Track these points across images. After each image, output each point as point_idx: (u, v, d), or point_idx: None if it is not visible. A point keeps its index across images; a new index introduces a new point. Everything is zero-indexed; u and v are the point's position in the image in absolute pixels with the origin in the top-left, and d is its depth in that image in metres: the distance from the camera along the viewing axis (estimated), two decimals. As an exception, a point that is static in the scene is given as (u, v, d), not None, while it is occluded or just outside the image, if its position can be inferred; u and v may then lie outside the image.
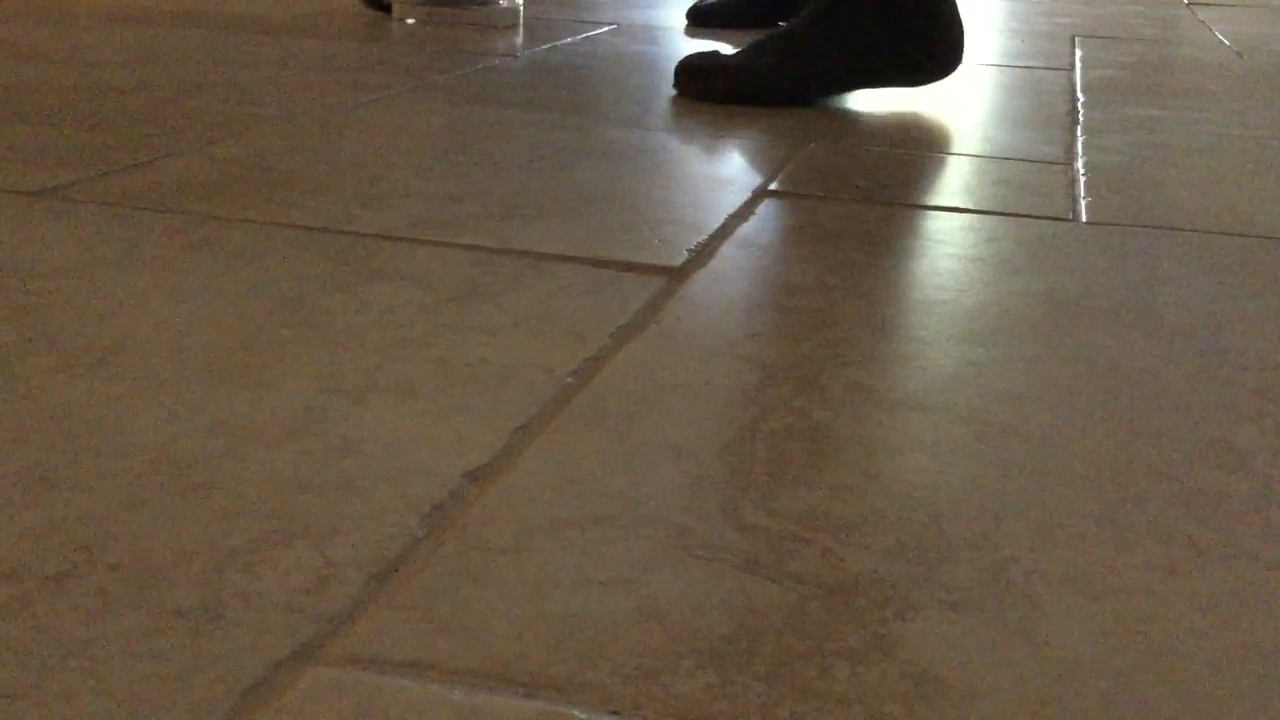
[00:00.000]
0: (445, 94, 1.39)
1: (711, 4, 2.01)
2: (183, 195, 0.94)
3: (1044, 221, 0.97)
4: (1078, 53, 1.92)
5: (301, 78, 1.45)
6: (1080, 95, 1.54)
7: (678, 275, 0.81)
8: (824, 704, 0.40)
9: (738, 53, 1.39)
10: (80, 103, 1.26)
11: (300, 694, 0.39)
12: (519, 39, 1.83)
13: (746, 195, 1.01)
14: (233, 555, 0.47)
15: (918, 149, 1.20)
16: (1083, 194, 1.06)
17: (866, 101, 1.44)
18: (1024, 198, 1.04)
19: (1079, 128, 1.34)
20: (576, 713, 0.39)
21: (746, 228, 0.92)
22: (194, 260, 0.80)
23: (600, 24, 2.04)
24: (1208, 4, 2.80)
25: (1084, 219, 0.98)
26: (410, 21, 1.67)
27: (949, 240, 0.91)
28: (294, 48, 1.67)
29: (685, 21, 2.06)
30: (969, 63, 1.77)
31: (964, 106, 1.44)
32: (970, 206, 1.01)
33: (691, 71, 1.39)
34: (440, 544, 0.49)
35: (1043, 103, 1.48)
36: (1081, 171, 1.14)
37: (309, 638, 0.42)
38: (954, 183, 1.08)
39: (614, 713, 0.40)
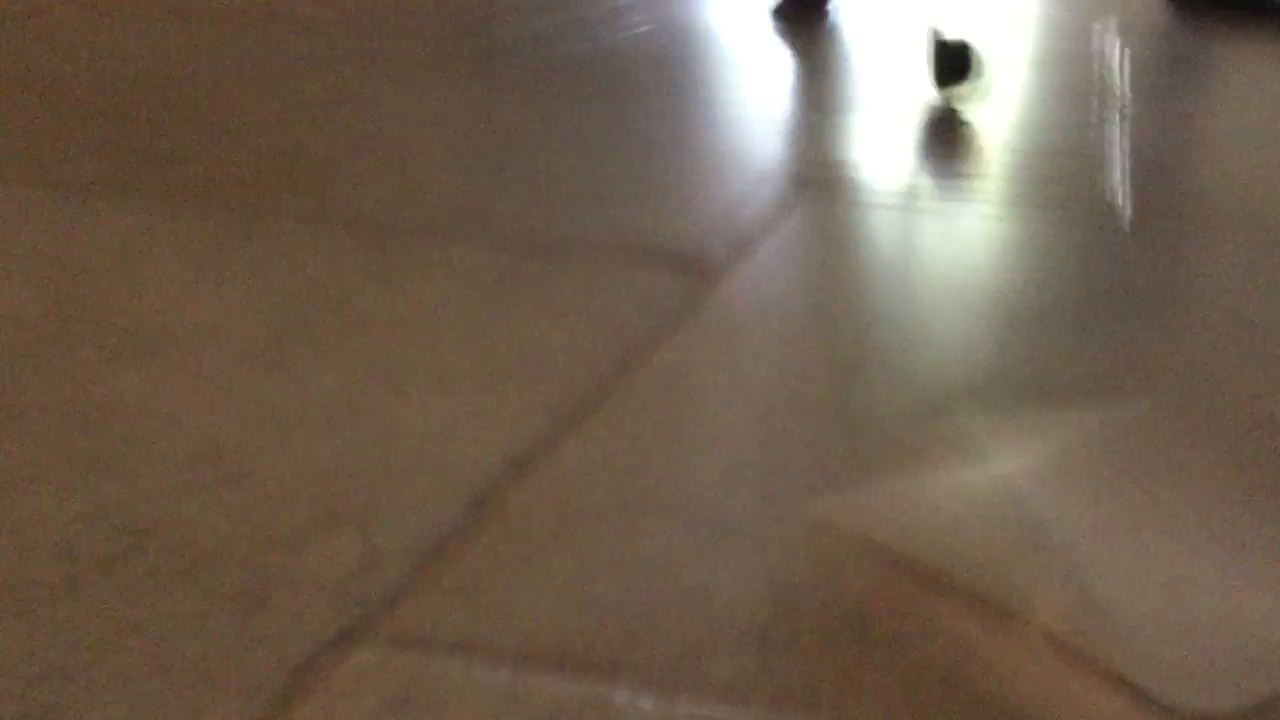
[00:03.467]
0: (483, 89, 1.40)
1: None
2: (223, 189, 0.96)
3: (1084, 216, 0.97)
4: (1122, 47, 1.91)
5: (341, 73, 1.46)
6: (1122, 90, 1.54)
7: (716, 268, 0.81)
8: (863, 687, 0.41)
9: None
10: (122, 98, 1.27)
11: (348, 673, 0.40)
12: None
13: (785, 190, 1.01)
14: (279, 539, 0.48)
15: (957, 142, 1.20)
16: (1124, 188, 1.06)
17: (907, 94, 1.43)
18: (1064, 192, 1.04)
19: (1121, 122, 1.34)
20: (619, 693, 0.40)
21: (784, 222, 0.92)
22: (236, 252, 0.81)
23: (636, 16, 2.04)
24: None
25: (1125, 213, 0.98)
26: None
27: (989, 234, 0.91)
28: (333, 44, 1.68)
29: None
30: (1009, 56, 1.76)
31: (1005, 100, 1.43)
32: (1010, 200, 1.00)
33: None
34: (482, 530, 0.49)
35: (1084, 96, 1.47)
36: (1125, 166, 1.13)
37: (355, 619, 0.43)
38: (994, 176, 1.08)
39: (655, 694, 0.40)
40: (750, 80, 1.53)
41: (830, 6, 1.98)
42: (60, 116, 1.20)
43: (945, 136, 1.24)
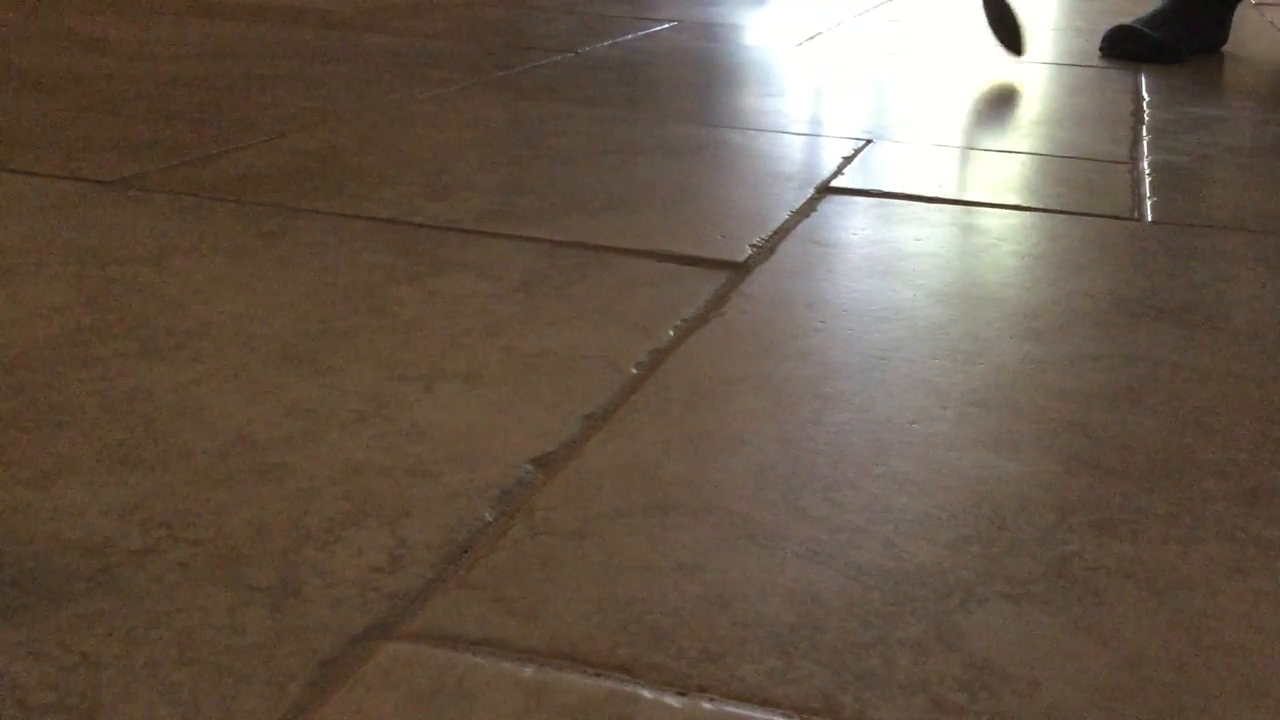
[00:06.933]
0: (509, 89, 1.41)
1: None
2: (254, 186, 0.96)
3: (1108, 220, 0.97)
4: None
5: (368, 72, 1.47)
6: (1145, 95, 1.53)
7: (741, 270, 0.82)
8: (887, 690, 0.41)
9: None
10: (153, 95, 1.29)
11: (376, 667, 0.41)
12: (581, 35, 1.84)
13: (809, 192, 1.01)
14: (309, 534, 0.48)
15: (980, 147, 1.20)
16: (1148, 193, 1.05)
17: (927, 98, 1.43)
18: (1088, 197, 1.03)
19: (1144, 127, 1.33)
20: (643, 693, 0.40)
21: (808, 224, 0.93)
22: (266, 249, 0.82)
23: (661, 20, 2.05)
24: (1276, 3, 2.76)
25: (1149, 218, 0.98)
26: None
27: (1012, 238, 0.91)
28: (360, 43, 1.69)
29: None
30: (1033, 61, 1.76)
31: (1027, 105, 1.43)
32: (1034, 205, 1.00)
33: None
34: (509, 528, 0.50)
35: (1107, 102, 1.47)
36: (1146, 171, 1.13)
37: (383, 614, 0.43)
38: (1017, 181, 1.08)
39: (680, 693, 0.40)
40: (775, 80, 1.53)
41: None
42: (92, 113, 1.21)
43: (970, 140, 1.24)
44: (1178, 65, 1.77)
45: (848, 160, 1.13)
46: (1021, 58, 1.78)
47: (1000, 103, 1.44)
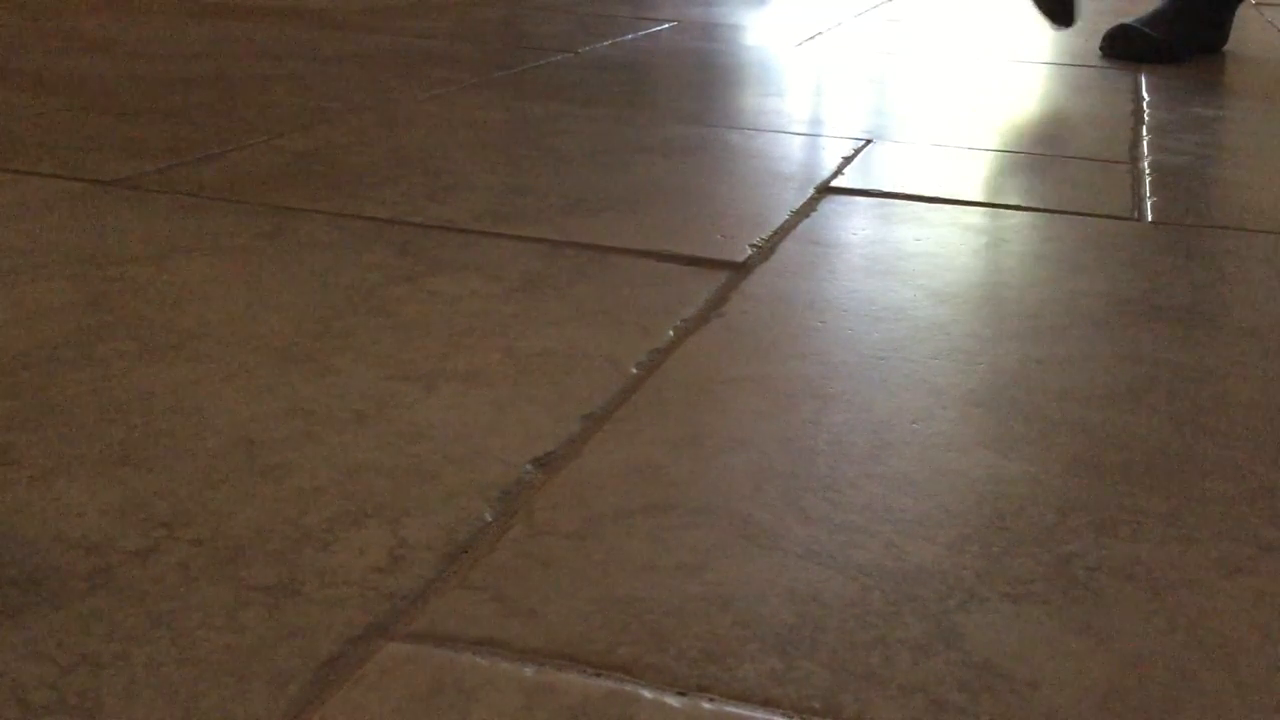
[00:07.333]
0: (508, 89, 1.41)
1: None
2: (254, 186, 0.96)
3: (1108, 221, 0.97)
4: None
5: (368, 72, 1.47)
6: (1145, 95, 1.53)
7: (741, 270, 0.82)
8: (887, 691, 0.41)
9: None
10: (153, 95, 1.29)
11: (376, 667, 0.41)
12: (581, 35, 1.84)
13: (809, 192, 1.01)
14: (309, 534, 0.48)
15: (980, 147, 1.20)
16: (1147, 193, 1.05)
17: (927, 98, 1.43)
18: (1088, 196, 1.03)
19: (1144, 127, 1.33)
20: (643, 693, 0.40)
21: (808, 224, 0.93)
22: (266, 250, 0.82)
23: (661, 20, 2.05)
24: (1276, 3, 2.76)
25: (1149, 218, 0.98)
26: None
27: (1012, 238, 0.91)
28: (360, 43, 1.69)
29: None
30: (1033, 61, 1.76)
31: (1027, 105, 1.43)
32: (1034, 205, 1.00)
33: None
34: (509, 528, 0.50)
35: (1107, 102, 1.47)
36: (1146, 171, 1.13)
37: (383, 614, 0.43)
38: (1017, 181, 1.08)
39: (680, 694, 0.40)
40: (775, 80, 1.53)
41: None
42: (92, 113, 1.21)
43: (970, 140, 1.24)
44: (1177, 65, 1.78)
45: (848, 160, 1.13)
46: (1070, 29, 1.74)
47: (1000, 103, 1.44)
